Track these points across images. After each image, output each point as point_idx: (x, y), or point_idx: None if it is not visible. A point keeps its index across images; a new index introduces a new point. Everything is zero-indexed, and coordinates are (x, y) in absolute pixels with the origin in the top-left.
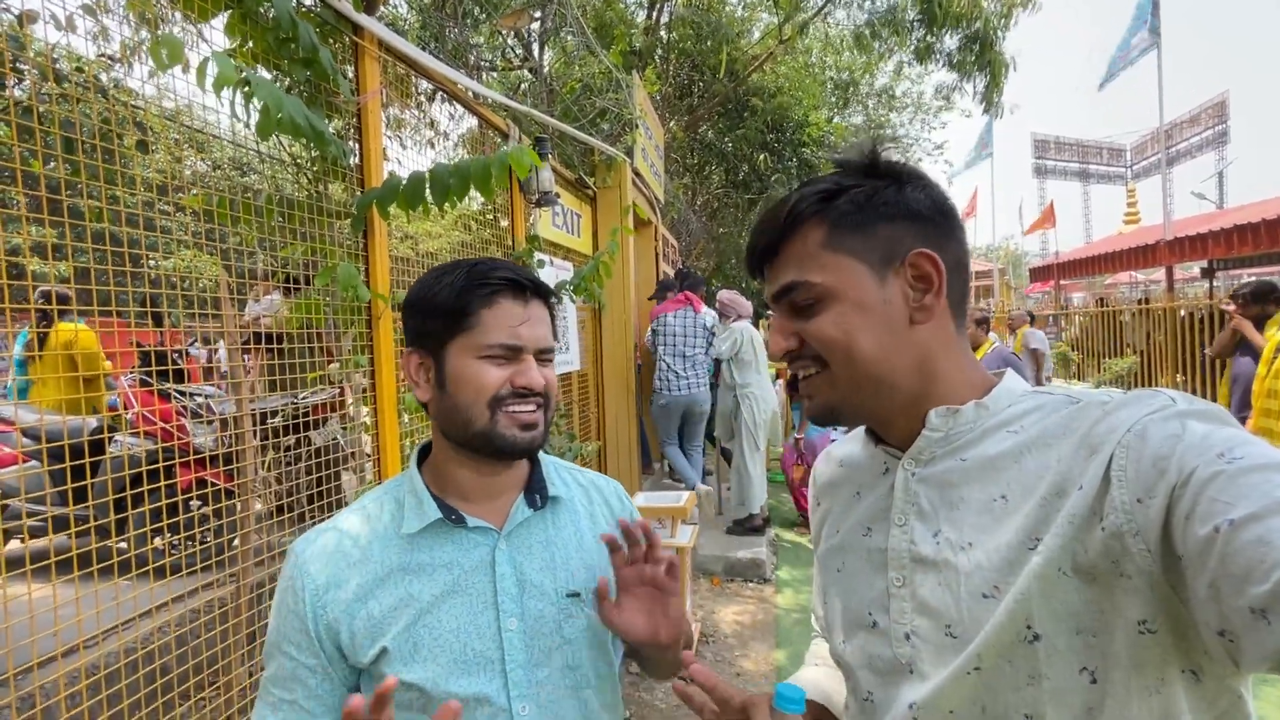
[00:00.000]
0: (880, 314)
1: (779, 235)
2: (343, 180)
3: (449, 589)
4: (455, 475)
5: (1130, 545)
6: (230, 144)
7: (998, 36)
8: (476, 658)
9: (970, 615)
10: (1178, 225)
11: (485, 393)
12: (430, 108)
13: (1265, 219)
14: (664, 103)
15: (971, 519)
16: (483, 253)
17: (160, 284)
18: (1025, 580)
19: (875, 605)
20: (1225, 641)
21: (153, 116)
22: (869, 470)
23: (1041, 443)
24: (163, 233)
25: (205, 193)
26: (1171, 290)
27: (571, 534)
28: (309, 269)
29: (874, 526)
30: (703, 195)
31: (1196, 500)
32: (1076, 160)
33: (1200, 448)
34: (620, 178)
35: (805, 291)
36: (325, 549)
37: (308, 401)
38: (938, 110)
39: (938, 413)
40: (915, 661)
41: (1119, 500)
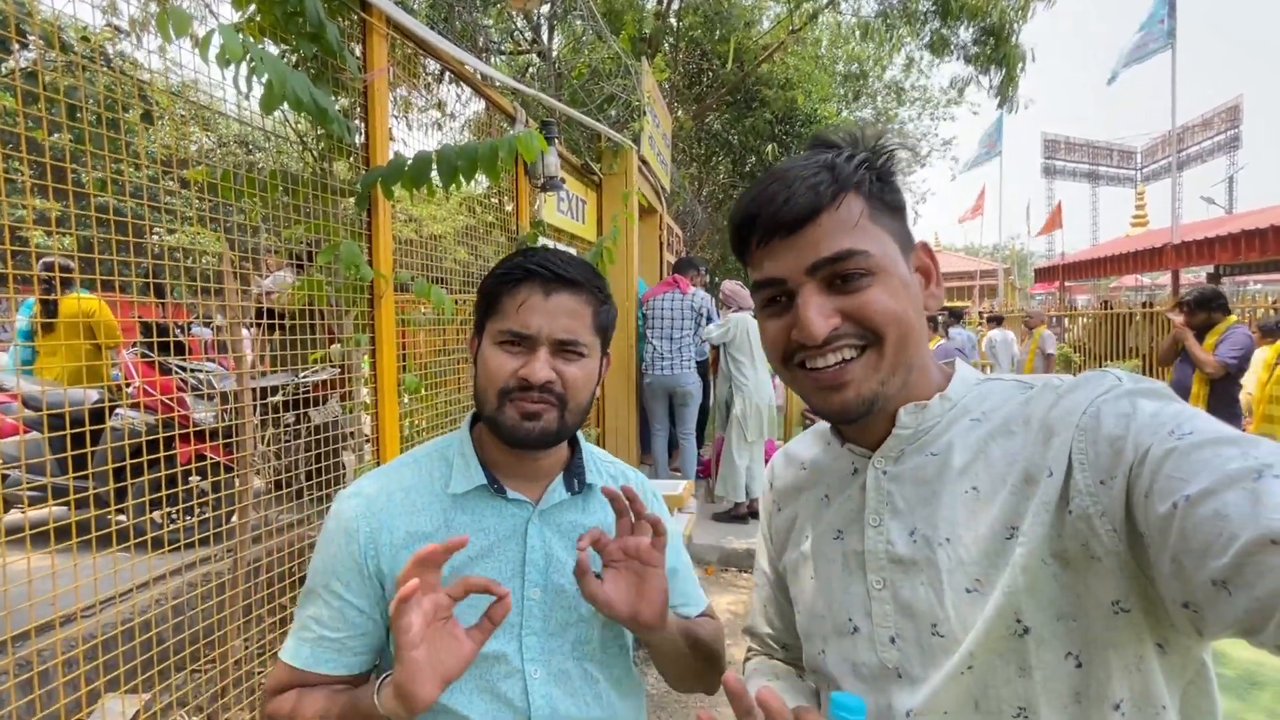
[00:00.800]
0: (916, 295)
1: (822, 200)
2: (348, 158)
3: (483, 552)
4: (492, 451)
5: (1098, 527)
6: (236, 120)
7: (1014, 29)
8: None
9: (955, 612)
10: (1185, 229)
11: (496, 381)
12: (437, 89)
13: (1274, 225)
14: (672, 91)
15: (946, 514)
16: (486, 236)
17: (163, 259)
18: (1011, 573)
19: (855, 610)
20: (1190, 613)
21: (158, 90)
22: (836, 472)
23: (1004, 430)
24: (166, 209)
25: (209, 167)
26: (1176, 294)
27: (600, 519)
28: (316, 246)
29: (846, 529)
30: (709, 186)
31: (1154, 478)
32: (1086, 161)
33: (1152, 425)
34: (626, 165)
35: (862, 261)
36: (374, 497)
37: (308, 379)
38: (947, 103)
39: (907, 410)
40: (903, 665)
41: (1083, 484)
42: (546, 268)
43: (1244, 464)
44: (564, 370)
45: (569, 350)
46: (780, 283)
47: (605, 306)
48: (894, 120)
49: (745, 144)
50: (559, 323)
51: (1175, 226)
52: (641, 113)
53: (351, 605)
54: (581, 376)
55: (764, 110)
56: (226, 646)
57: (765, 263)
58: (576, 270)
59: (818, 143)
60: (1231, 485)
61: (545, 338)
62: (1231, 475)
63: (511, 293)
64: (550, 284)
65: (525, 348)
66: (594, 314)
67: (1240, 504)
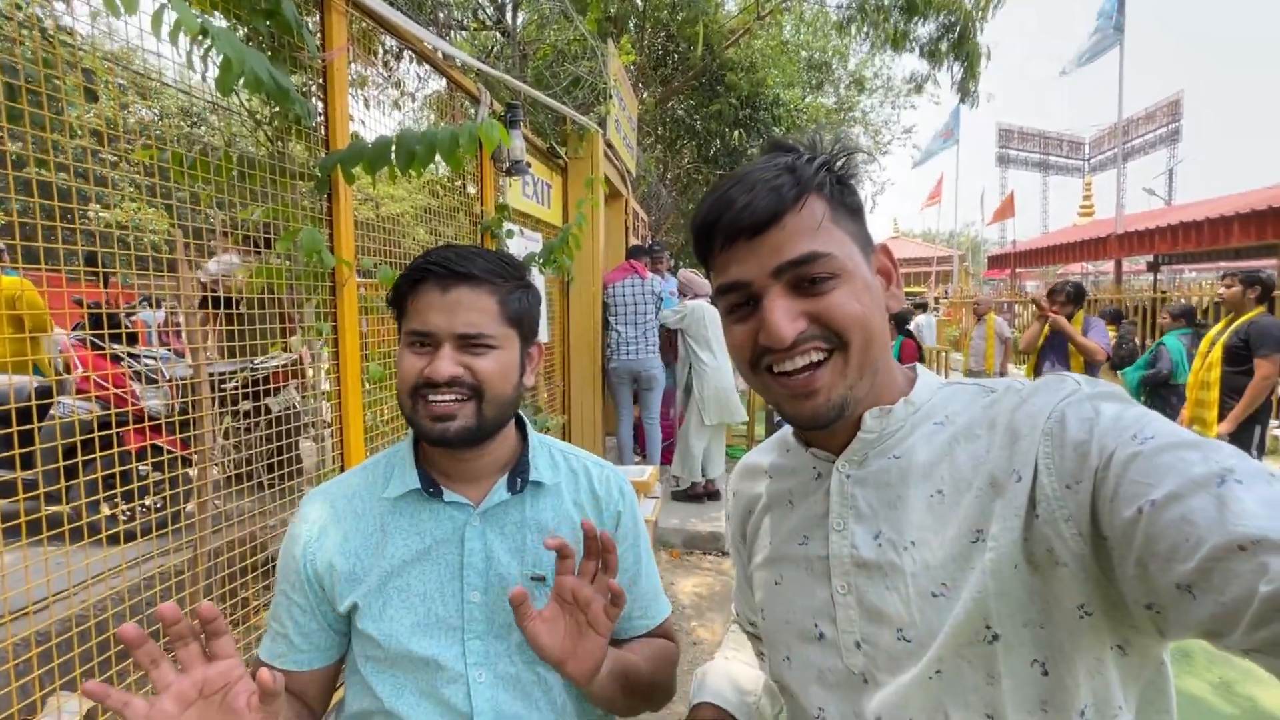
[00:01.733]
0: (878, 298)
1: (785, 202)
2: (304, 140)
3: (419, 555)
4: (430, 453)
5: (1064, 531)
6: (181, 92)
7: (976, 27)
8: (439, 623)
9: (921, 616)
10: (1128, 220)
11: (406, 382)
12: (397, 67)
13: (1209, 217)
14: (638, 72)
15: (911, 517)
16: (450, 220)
17: (106, 238)
18: (979, 577)
19: (820, 615)
20: (1153, 614)
21: (95, 59)
22: (800, 477)
23: (969, 434)
24: (103, 184)
25: (157, 147)
26: (1119, 283)
27: (549, 518)
28: (268, 230)
29: (810, 534)
30: (674, 169)
31: (1119, 482)
32: (1038, 151)
33: (1115, 429)
34: (592, 149)
35: (826, 264)
36: (322, 501)
37: (265, 367)
38: (908, 93)
39: (872, 414)
40: (869, 670)
41: (1049, 489)
42: (442, 265)
43: (1207, 469)
44: (474, 364)
45: (475, 344)
46: (745, 286)
47: (515, 295)
48: (856, 108)
49: (709, 129)
50: (459, 318)
51: (1119, 217)
52: (607, 96)
53: (295, 604)
54: (495, 368)
55: (729, 95)
56: None
57: (729, 267)
58: (476, 264)
59: (775, 146)
60: (1196, 490)
61: (447, 334)
62: (1196, 480)
63: (414, 293)
64: (446, 280)
65: (430, 346)
66: (500, 304)
67: (1206, 509)
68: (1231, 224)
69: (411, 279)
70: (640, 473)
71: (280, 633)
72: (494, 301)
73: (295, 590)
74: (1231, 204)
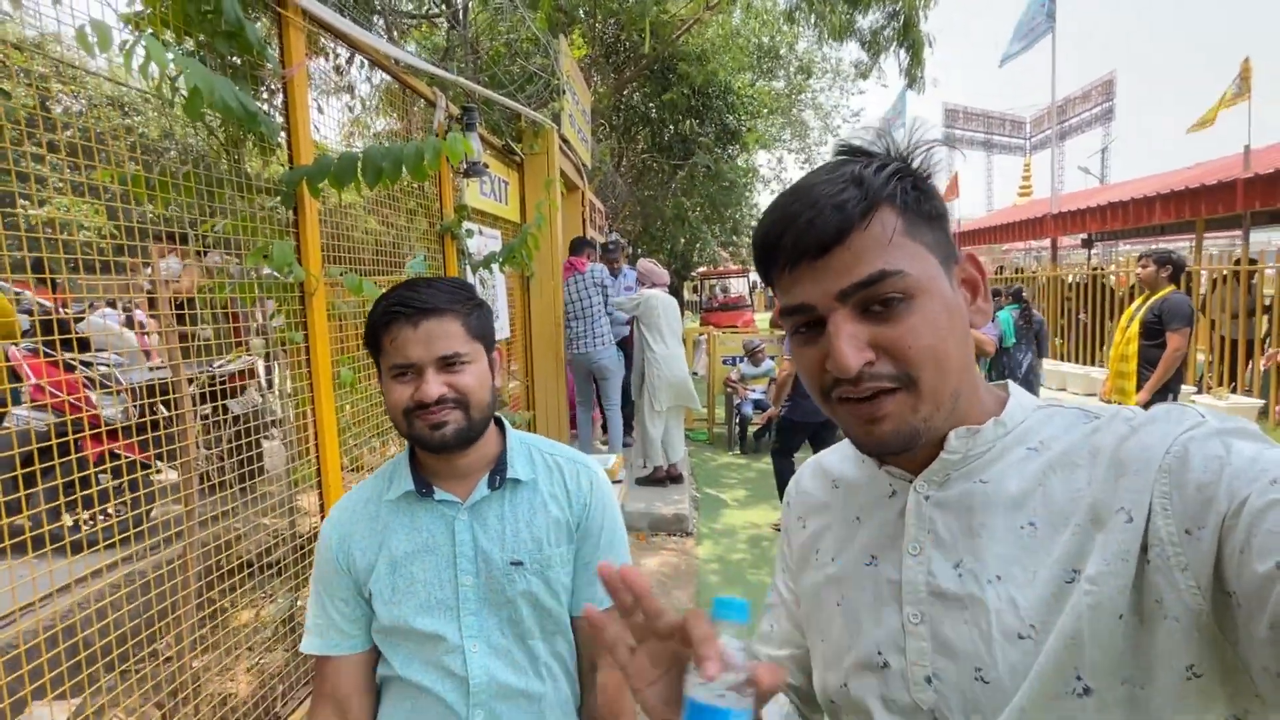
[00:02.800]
0: (961, 317)
1: (851, 219)
2: (266, 154)
3: (420, 547)
4: (423, 459)
5: (1179, 581)
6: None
7: (919, 15)
8: (438, 604)
9: (1004, 658)
10: (1064, 199)
11: (398, 408)
12: (350, 70)
13: (1134, 198)
14: (590, 62)
15: (997, 549)
16: (409, 222)
17: (38, 236)
18: (1072, 621)
19: (887, 644)
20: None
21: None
22: (870, 493)
23: (1066, 462)
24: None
25: (119, 169)
26: (1055, 260)
27: (525, 510)
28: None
29: (880, 555)
30: (629, 158)
31: (1252, 532)
32: (982, 131)
33: (1250, 472)
34: (548, 144)
35: (897, 283)
36: (344, 505)
37: (224, 370)
38: (854, 78)
39: (958, 434)
40: (939, 709)
41: (1164, 532)
42: (407, 304)
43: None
44: (454, 380)
45: (452, 363)
46: (809, 309)
47: (474, 315)
48: (805, 92)
49: (663, 118)
50: (435, 345)
51: (1055, 198)
52: (561, 91)
53: (338, 598)
54: (473, 381)
55: (681, 85)
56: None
57: (793, 288)
58: (438, 297)
59: (844, 150)
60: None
61: (428, 361)
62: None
63: (387, 333)
64: (414, 317)
65: (414, 374)
66: (464, 326)
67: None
68: (1154, 204)
69: (383, 322)
70: (605, 461)
71: (328, 625)
72: (459, 325)
73: (334, 585)
74: (1154, 185)
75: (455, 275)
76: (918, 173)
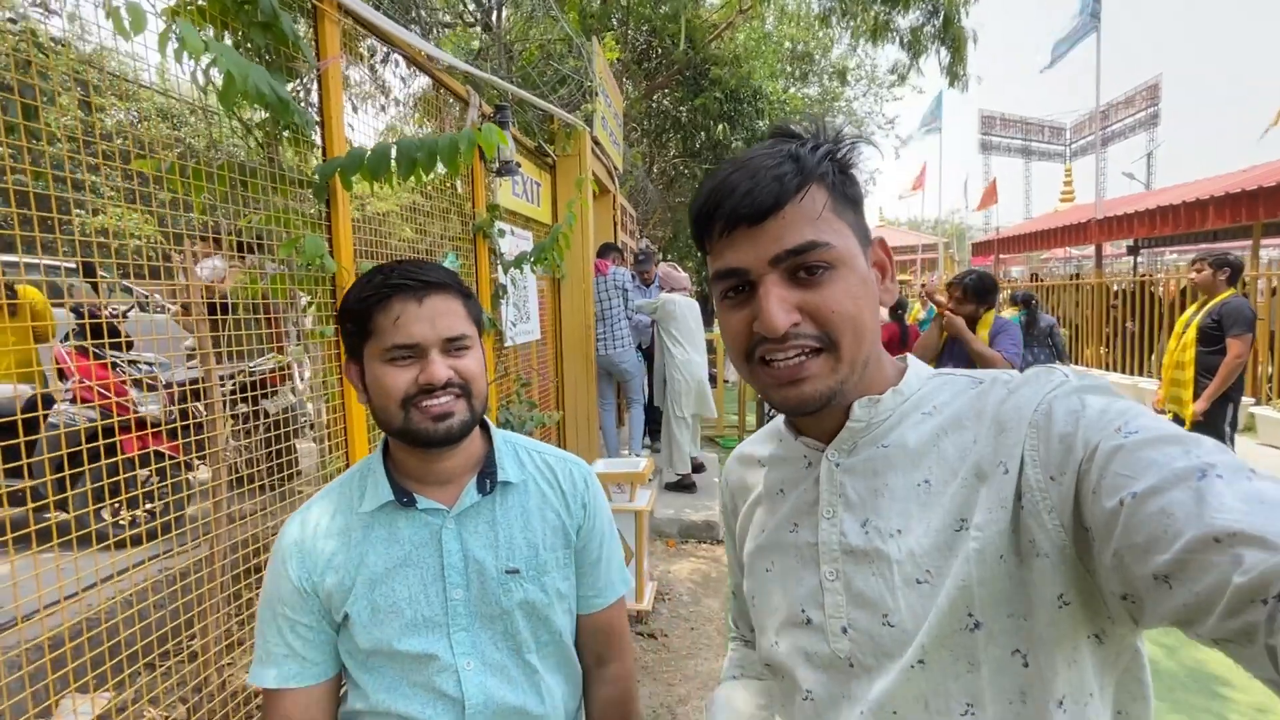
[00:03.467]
0: (873, 292)
1: (787, 191)
2: (299, 146)
3: (400, 561)
4: (405, 462)
5: (1046, 522)
6: (160, 94)
7: (960, 12)
8: (425, 622)
9: (906, 603)
10: (1108, 205)
11: (394, 395)
12: (384, 69)
13: (1185, 201)
14: (621, 67)
15: (898, 505)
16: (442, 220)
17: (90, 242)
18: (962, 566)
19: (809, 601)
20: (1128, 604)
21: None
22: (790, 465)
23: (956, 424)
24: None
25: (154, 156)
26: (1100, 267)
27: (518, 515)
28: (260, 236)
29: (800, 521)
30: (660, 163)
31: (1102, 475)
32: (1020, 137)
33: (1100, 422)
34: (580, 146)
35: (824, 254)
36: (305, 521)
37: (259, 370)
38: (891, 85)
39: (861, 403)
40: (855, 655)
41: (1034, 479)
42: (411, 278)
43: (1188, 463)
44: (458, 364)
45: (457, 345)
46: (742, 273)
47: (471, 301)
48: (840, 99)
49: (695, 122)
50: (441, 323)
51: (1098, 202)
52: (594, 93)
53: (300, 623)
54: (475, 366)
55: (714, 89)
56: (208, 638)
57: (726, 253)
58: (438, 274)
59: (779, 133)
60: (1176, 484)
61: (434, 341)
62: (1177, 473)
63: (384, 310)
64: (419, 292)
65: (415, 356)
66: (465, 308)
67: (1185, 502)
68: (1207, 207)
69: (380, 296)
70: (635, 464)
71: (287, 654)
72: (461, 305)
73: (298, 610)
74: (1207, 188)
75: (487, 275)
76: (844, 158)
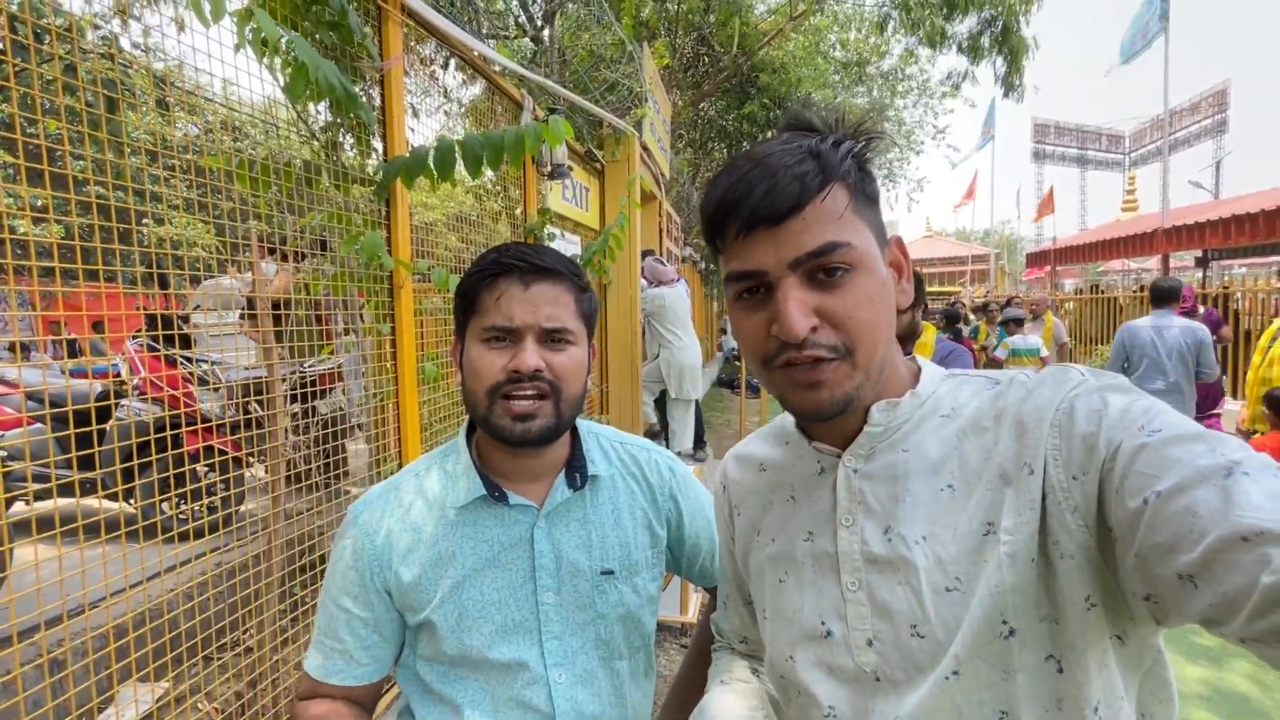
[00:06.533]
0: (890, 294)
1: (808, 191)
2: (362, 145)
3: (488, 561)
4: (491, 455)
5: (1070, 522)
6: (224, 108)
7: (1019, 21)
8: (516, 627)
9: (935, 612)
10: (1175, 214)
11: (484, 380)
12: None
13: (1264, 209)
14: (668, 75)
15: (922, 511)
16: (492, 224)
17: (161, 249)
18: (995, 571)
19: (829, 613)
20: (1151, 604)
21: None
22: (800, 471)
23: (976, 427)
24: (157, 200)
25: (225, 155)
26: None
27: (609, 512)
28: (320, 235)
29: (816, 530)
30: (705, 171)
31: (1125, 474)
32: (1075, 146)
33: (1122, 421)
34: (629, 152)
35: (845, 255)
36: (382, 512)
37: (313, 370)
38: (943, 96)
39: (879, 407)
40: (882, 668)
41: (1056, 480)
42: (523, 259)
43: (1213, 461)
44: (552, 359)
45: (556, 338)
46: (761, 275)
47: (586, 295)
48: (890, 109)
49: (741, 131)
50: (543, 311)
51: (1165, 211)
52: (643, 99)
53: (358, 618)
54: (571, 365)
55: (761, 96)
56: (263, 634)
57: (744, 253)
58: (553, 260)
59: (795, 124)
60: (1202, 482)
61: (530, 327)
62: (1202, 472)
63: (490, 288)
64: (528, 275)
65: (511, 340)
66: (576, 301)
67: (1211, 501)
68: None
69: (489, 274)
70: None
71: (337, 649)
72: (571, 297)
73: (358, 604)
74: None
75: None
76: (863, 154)
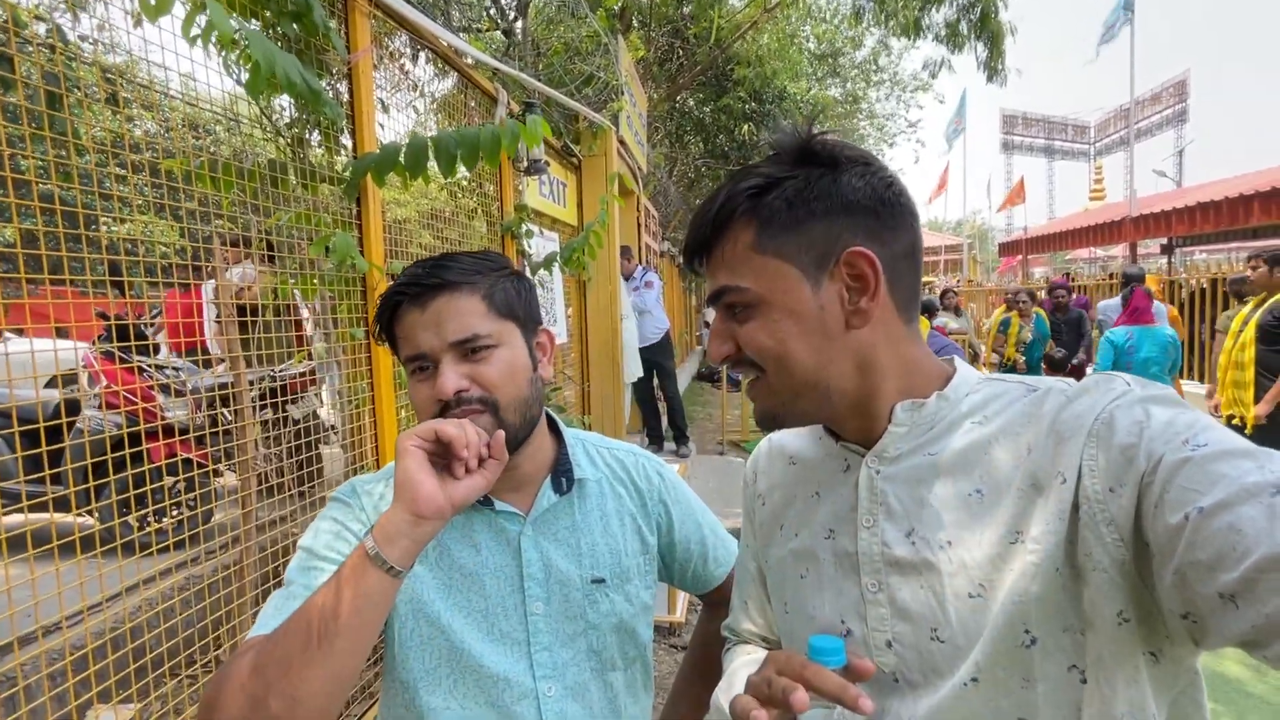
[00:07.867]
0: (815, 320)
1: (709, 235)
2: (327, 141)
3: (479, 567)
4: None
5: (1105, 535)
6: (184, 103)
7: (997, 5)
8: (504, 637)
9: (957, 617)
10: (1142, 202)
11: (423, 414)
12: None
13: (1228, 197)
14: (644, 69)
15: (948, 516)
16: (468, 221)
17: (118, 250)
18: (1019, 580)
19: (849, 613)
20: (1189, 623)
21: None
22: (826, 468)
23: (1009, 433)
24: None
25: (185, 158)
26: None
27: (597, 518)
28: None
29: (837, 529)
30: (681, 165)
31: (1166, 488)
32: (1043, 136)
33: (1165, 434)
34: (606, 146)
35: (737, 296)
36: (381, 497)
37: (284, 375)
38: (915, 89)
39: (904, 407)
40: (900, 670)
41: (1091, 491)
42: (415, 282)
43: (1261, 478)
44: (475, 371)
45: (471, 348)
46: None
47: (500, 286)
48: (863, 100)
49: (717, 123)
50: (447, 327)
51: (1132, 200)
52: (619, 92)
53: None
54: (498, 370)
55: (737, 89)
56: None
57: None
58: (447, 271)
59: (772, 149)
60: (1248, 499)
61: (440, 349)
62: (1248, 489)
63: (398, 321)
64: (422, 296)
65: (430, 366)
66: (485, 300)
67: (1256, 519)
68: (1251, 203)
69: (389, 307)
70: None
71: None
72: (477, 300)
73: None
74: (1250, 183)
75: None
76: (789, 184)
